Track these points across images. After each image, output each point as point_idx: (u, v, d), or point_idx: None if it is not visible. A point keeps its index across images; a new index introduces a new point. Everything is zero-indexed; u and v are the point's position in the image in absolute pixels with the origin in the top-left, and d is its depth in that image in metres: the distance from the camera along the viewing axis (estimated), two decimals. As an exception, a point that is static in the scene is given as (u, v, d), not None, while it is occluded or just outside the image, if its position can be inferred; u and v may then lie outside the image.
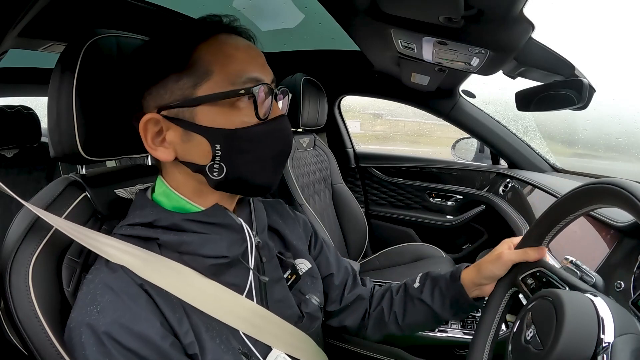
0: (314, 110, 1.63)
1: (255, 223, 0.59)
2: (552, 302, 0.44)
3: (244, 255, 0.54)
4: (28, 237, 0.50)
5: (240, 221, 0.55)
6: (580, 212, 0.52)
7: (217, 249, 0.50)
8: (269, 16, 1.43)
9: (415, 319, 0.68)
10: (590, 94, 0.96)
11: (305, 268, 0.64)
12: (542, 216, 0.58)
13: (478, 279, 0.62)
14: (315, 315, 0.61)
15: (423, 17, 0.81)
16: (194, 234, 0.50)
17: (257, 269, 0.56)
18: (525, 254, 0.58)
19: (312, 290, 0.63)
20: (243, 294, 0.53)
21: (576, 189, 0.52)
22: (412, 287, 0.69)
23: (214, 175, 0.49)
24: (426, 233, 2.00)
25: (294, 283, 0.61)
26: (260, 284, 0.56)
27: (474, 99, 1.73)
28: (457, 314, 0.66)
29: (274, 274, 0.58)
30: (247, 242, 0.54)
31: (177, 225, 0.50)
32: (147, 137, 0.49)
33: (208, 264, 0.50)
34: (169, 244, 0.49)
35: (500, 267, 0.60)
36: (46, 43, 1.19)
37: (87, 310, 0.42)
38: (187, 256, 0.50)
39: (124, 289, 0.44)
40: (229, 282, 0.52)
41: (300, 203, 1.46)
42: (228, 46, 0.49)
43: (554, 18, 0.99)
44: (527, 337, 0.46)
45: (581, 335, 0.40)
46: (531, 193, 1.48)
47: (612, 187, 0.45)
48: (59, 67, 0.54)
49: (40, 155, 1.77)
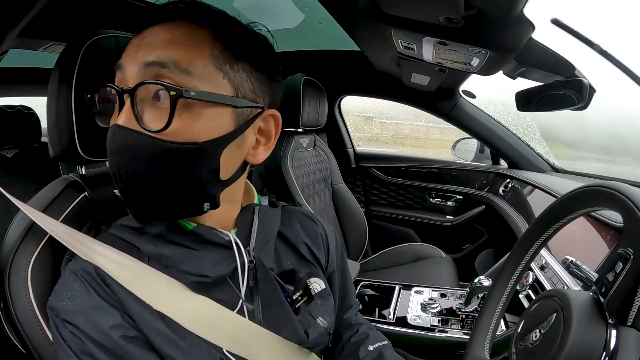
0: (314, 110, 1.63)
1: (254, 237, 0.52)
2: (558, 301, 0.44)
3: (233, 275, 0.48)
4: (27, 237, 0.50)
5: (229, 237, 0.49)
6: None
7: (198, 267, 0.46)
8: (269, 16, 1.43)
9: None
10: (590, 94, 0.96)
11: (318, 288, 0.57)
12: (513, 251, 0.60)
13: None
14: (321, 340, 0.55)
15: (423, 17, 0.81)
16: (177, 247, 0.46)
17: (250, 291, 0.50)
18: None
19: (322, 312, 0.56)
20: (234, 310, 0.48)
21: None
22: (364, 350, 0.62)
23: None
24: (426, 233, 2.00)
25: (305, 304, 0.55)
26: (255, 305, 0.50)
27: (474, 99, 1.73)
28: None
29: (271, 297, 0.51)
30: (236, 262, 0.48)
31: (163, 235, 0.47)
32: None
33: (190, 281, 0.46)
34: (150, 254, 0.46)
35: None
36: (46, 43, 1.19)
37: (60, 296, 0.42)
38: (170, 268, 0.46)
39: (89, 279, 0.43)
40: (218, 298, 0.47)
41: (300, 203, 1.46)
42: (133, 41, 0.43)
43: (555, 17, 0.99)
44: (533, 338, 0.45)
45: (589, 334, 0.39)
46: (531, 193, 1.48)
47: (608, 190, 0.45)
48: (59, 67, 0.54)
49: (41, 155, 1.77)
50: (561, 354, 0.39)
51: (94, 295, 0.42)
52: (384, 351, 0.62)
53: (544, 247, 0.57)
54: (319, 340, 0.55)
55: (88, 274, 0.43)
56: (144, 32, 0.43)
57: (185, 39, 0.41)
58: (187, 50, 0.41)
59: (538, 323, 0.46)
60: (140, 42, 0.42)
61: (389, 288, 1.17)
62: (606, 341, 0.38)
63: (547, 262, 0.93)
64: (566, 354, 0.39)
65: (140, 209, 0.43)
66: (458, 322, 1.03)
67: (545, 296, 0.48)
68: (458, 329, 1.01)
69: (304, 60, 1.77)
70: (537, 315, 0.47)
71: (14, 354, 0.51)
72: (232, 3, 1.31)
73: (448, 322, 1.03)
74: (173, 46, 0.40)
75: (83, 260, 0.45)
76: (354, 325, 0.68)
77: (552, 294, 0.47)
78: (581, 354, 0.39)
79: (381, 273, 1.63)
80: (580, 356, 0.39)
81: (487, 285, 0.90)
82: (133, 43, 0.43)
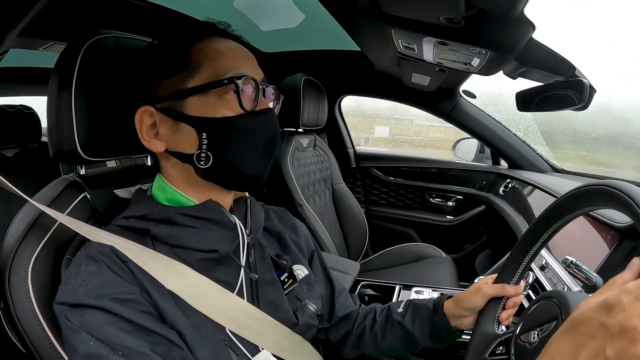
0: (314, 110, 1.63)
1: (250, 222, 0.59)
2: (556, 302, 0.44)
3: (235, 252, 0.54)
4: (28, 237, 0.50)
5: (233, 218, 0.55)
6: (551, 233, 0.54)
7: (208, 243, 0.51)
8: (269, 16, 1.43)
9: (394, 342, 0.69)
10: (590, 94, 0.96)
11: (302, 274, 0.64)
12: (513, 251, 0.61)
13: (458, 311, 0.64)
14: (311, 322, 0.60)
15: (424, 17, 0.81)
16: (186, 228, 0.51)
17: (249, 267, 0.56)
18: (502, 289, 0.61)
19: (308, 296, 0.62)
20: (234, 292, 0.53)
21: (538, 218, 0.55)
22: (395, 312, 0.70)
23: (201, 164, 0.50)
24: (426, 233, 2.00)
25: (290, 287, 0.61)
26: (252, 283, 0.55)
27: (474, 99, 1.73)
28: (435, 342, 0.68)
29: (266, 275, 0.57)
30: (239, 240, 0.54)
31: (170, 218, 0.51)
32: (142, 129, 0.52)
33: (198, 258, 0.50)
34: (161, 236, 0.50)
35: (479, 299, 0.63)
36: (46, 43, 1.19)
37: (71, 282, 0.43)
38: (179, 249, 0.50)
39: (106, 259, 0.45)
40: (220, 279, 0.52)
41: (300, 203, 1.46)
42: (219, 46, 0.52)
43: (555, 18, 0.99)
44: (531, 339, 0.45)
45: None
46: (531, 193, 1.48)
47: (609, 189, 0.45)
48: (59, 67, 0.54)
49: (41, 155, 1.77)
50: None
51: (110, 273, 0.44)
52: (412, 303, 0.70)
53: (545, 246, 0.57)
54: (309, 324, 0.60)
55: (104, 254, 0.46)
56: (230, 42, 0.53)
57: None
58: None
59: (537, 324, 0.46)
60: (246, 55, 0.54)
61: (389, 288, 1.17)
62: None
63: (547, 262, 0.93)
64: None
65: (266, 171, 0.54)
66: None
67: (544, 297, 0.48)
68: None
69: (304, 60, 1.77)
70: (536, 316, 0.47)
71: (14, 354, 0.51)
72: (232, 3, 1.31)
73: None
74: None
75: (97, 244, 0.47)
76: (355, 311, 0.74)
77: (551, 295, 0.47)
78: None
79: (381, 273, 1.63)
80: None
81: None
82: (239, 51, 0.53)
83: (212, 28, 0.54)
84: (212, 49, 0.51)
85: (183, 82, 0.50)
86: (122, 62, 0.57)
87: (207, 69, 0.49)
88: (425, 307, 0.69)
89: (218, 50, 0.51)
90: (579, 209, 0.51)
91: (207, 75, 0.49)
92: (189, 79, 0.49)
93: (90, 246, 0.47)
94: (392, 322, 0.70)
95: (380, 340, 0.69)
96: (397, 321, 0.69)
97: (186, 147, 0.51)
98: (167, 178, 0.55)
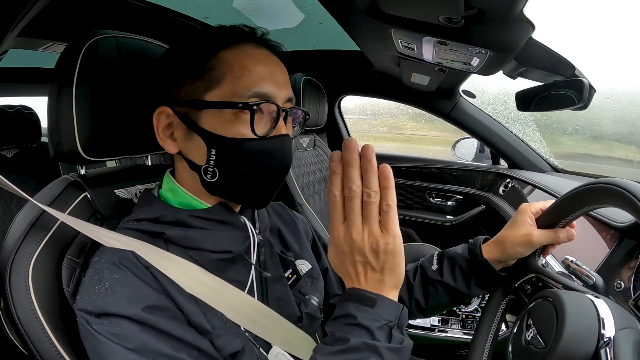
0: (314, 110, 1.63)
1: (258, 222, 0.60)
2: (552, 302, 0.45)
3: (247, 252, 0.55)
4: (28, 237, 0.50)
5: (243, 219, 0.56)
6: (580, 211, 0.52)
7: (221, 244, 0.52)
8: (269, 16, 1.43)
9: (439, 301, 0.69)
10: (590, 94, 0.96)
11: (305, 269, 0.65)
12: (561, 200, 0.58)
13: (504, 258, 0.63)
14: (314, 315, 0.62)
15: (423, 17, 0.81)
16: (199, 230, 0.51)
17: (260, 266, 0.57)
18: (555, 236, 0.59)
19: (312, 290, 0.64)
20: (245, 290, 0.54)
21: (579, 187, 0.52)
22: (430, 270, 0.70)
23: (207, 177, 0.51)
24: (426, 233, 2.00)
25: (294, 282, 0.62)
26: (262, 281, 0.56)
27: (474, 99, 1.73)
28: (483, 289, 0.67)
29: (275, 272, 0.59)
30: (250, 240, 0.55)
31: (183, 221, 0.51)
32: (159, 127, 0.52)
33: (212, 259, 0.51)
34: (175, 238, 0.50)
35: (529, 250, 0.61)
36: (46, 43, 1.19)
37: (94, 290, 0.43)
38: (192, 251, 0.51)
39: (131, 266, 0.45)
40: (231, 278, 0.52)
41: (300, 203, 1.46)
42: (247, 58, 0.50)
43: (554, 18, 0.99)
44: (527, 337, 0.46)
45: (582, 332, 0.40)
46: (531, 193, 1.48)
47: (613, 187, 0.45)
48: (59, 67, 0.54)
49: (41, 155, 1.77)
50: (554, 353, 0.40)
51: (137, 280, 0.45)
52: (446, 255, 0.70)
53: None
54: (313, 317, 0.61)
55: (128, 260, 0.46)
56: (264, 52, 0.52)
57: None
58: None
59: (533, 322, 0.46)
60: (276, 71, 0.52)
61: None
62: (598, 340, 0.39)
63: (547, 262, 0.94)
64: (558, 353, 0.39)
65: (272, 195, 0.54)
66: (458, 322, 1.03)
67: (542, 297, 0.48)
68: (458, 328, 1.02)
69: (304, 60, 1.77)
70: (533, 314, 0.48)
71: (14, 354, 0.51)
72: (232, 3, 1.31)
73: (448, 322, 1.04)
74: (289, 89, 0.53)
75: (117, 250, 0.47)
76: None
77: (546, 294, 0.47)
78: (573, 352, 0.39)
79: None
80: (572, 355, 0.39)
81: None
82: (269, 66, 0.51)
83: (243, 34, 0.52)
84: (239, 63, 0.49)
85: (202, 92, 0.49)
86: (128, 62, 0.57)
87: (227, 85, 0.48)
88: (462, 258, 0.67)
89: (244, 64, 0.49)
90: (580, 208, 0.52)
91: (226, 92, 0.48)
92: (208, 91, 0.49)
93: (110, 252, 0.47)
94: (430, 283, 0.69)
95: (424, 304, 0.69)
96: (435, 280, 0.68)
97: (196, 157, 0.51)
98: (179, 178, 0.55)
